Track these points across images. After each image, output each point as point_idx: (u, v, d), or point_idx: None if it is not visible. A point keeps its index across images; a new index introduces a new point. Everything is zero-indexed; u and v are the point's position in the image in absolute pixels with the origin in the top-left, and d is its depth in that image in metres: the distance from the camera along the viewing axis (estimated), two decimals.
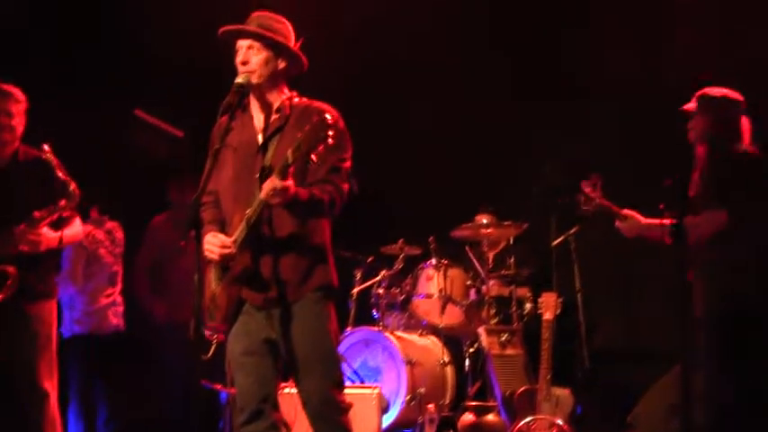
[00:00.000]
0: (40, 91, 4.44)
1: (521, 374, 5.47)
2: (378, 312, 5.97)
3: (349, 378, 5.46)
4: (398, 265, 6.02)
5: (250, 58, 3.46)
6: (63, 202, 4.14)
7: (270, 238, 3.45)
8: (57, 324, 4.40)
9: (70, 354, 5.34)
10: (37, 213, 4.13)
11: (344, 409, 3.53)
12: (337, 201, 3.43)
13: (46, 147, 4.13)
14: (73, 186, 4.14)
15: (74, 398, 5.54)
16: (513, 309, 5.78)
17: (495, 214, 6.07)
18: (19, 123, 4.30)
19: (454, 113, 6.58)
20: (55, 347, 4.31)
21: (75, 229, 4.40)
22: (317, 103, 3.54)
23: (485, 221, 5.92)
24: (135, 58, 5.95)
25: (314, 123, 3.20)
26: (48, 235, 4.21)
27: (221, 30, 3.49)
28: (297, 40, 3.55)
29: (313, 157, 3.21)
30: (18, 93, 4.32)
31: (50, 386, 4.24)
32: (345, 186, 3.48)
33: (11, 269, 4.11)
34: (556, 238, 6.22)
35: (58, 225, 4.26)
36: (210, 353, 3.52)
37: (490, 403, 5.27)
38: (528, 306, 5.83)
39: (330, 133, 3.16)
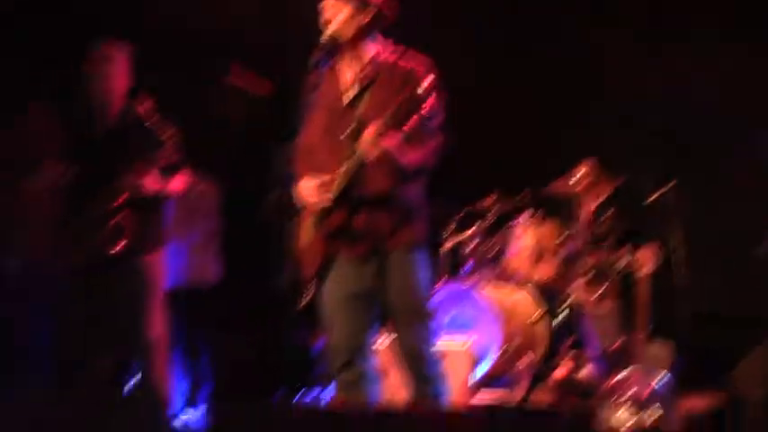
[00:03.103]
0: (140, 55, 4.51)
1: (617, 329, 5.37)
2: (470, 266, 5.94)
3: (441, 331, 5.46)
4: (491, 219, 5.97)
5: (334, 16, 3.44)
6: (162, 149, 4.23)
7: (365, 193, 3.47)
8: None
9: (172, 305, 5.49)
10: (141, 162, 4.23)
11: (437, 359, 3.55)
12: (432, 159, 3.44)
13: (138, 99, 4.23)
14: (169, 133, 4.23)
15: (177, 349, 5.71)
16: (609, 263, 5.67)
17: (597, 166, 5.95)
18: (119, 83, 4.37)
19: (549, 62, 6.45)
20: (162, 299, 4.43)
21: (180, 182, 4.50)
22: (409, 58, 3.51)
23: (580, 175, 5.80)
24: (223, 15, 6.01)
25: (407, 97, 3.20)
26: (151, 183, 4.31)
27: None
28: None
29: (406, 128, 3.21)
30: (113, 52, 4.37)
31: (160, 335, 4.38)
32: (439, 141, 3.47)
33: (126, 221, 4.23)
34: (654, 192, 6.07)
35: (165, 177, 4.37)
36: (304, 302, 3.57)
37: (585, 357, 5.21)
38: (624, 261, 5.71)
39: (424, 105, 3.16)
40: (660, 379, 4.33)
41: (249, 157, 6.04)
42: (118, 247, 4.22)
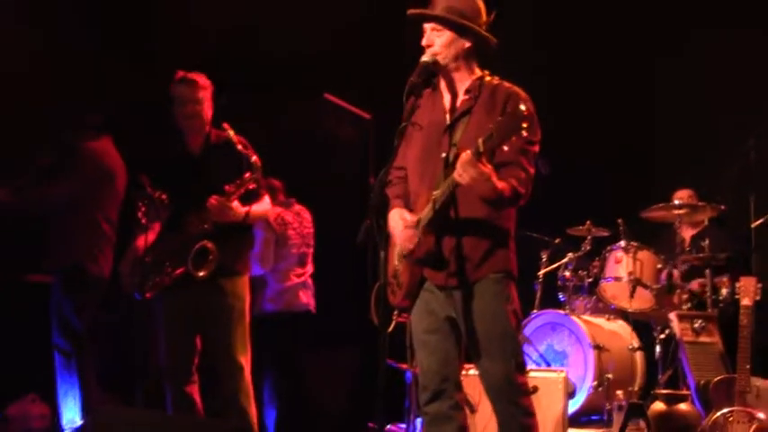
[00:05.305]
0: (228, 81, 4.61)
1: (716, 363, 5.20)
2: (564, 295, 5.85)
3: (534, 361, 5.38)
4: (586, 247, 5.87)
5: (434, 41, 3.45)
6: (248, 175, 4.31)
7: (454, 221, 3.44)
8: (249, 300, 4.58)
9: (262, 331, 5.54)
10: (227, 187, 4.32)
11: (525, 391, 3.47)
12: (528, 186, 3.39)
13: (225, 125, 4.32)
14: (254, 158, 4.31)
15: (268, 374, 5.75)
16: (709, 294, 5.50)
17: (696, 192, 5.80)
18: (207, 108, 4.49)
19: (646, 90, 6.33)
20: (248, 322, 4.49)
21: (264, 206, 4.55)
22: (508, 86, 3.47)
23: (677, 202, 5.66)
24: (322, 41, 6.09)
25: (508, 114, 3.13)
26: (236, 208, 4.37)
27: (408, 13, 3.49)
28: (488, 15, 3.49)
29: (505, 147, 3.15)
30: (202, 79, 4.49)
31: (245, 359, 4.43)
32: (532, 170, 3.42)
33: (210, 245, 4.32)
34: (756, 220, 5.87)
35: (248, 201, 4.42)
36: (391, 328, 3.55)
37: (683, 392, 5.05)
38: (724, 292, 5.53)
39: (524, 125, 3.08)
40: (765, 417, 4.15)
41: (347, 182, 6.07)
42: (204, 272, 4.31)
